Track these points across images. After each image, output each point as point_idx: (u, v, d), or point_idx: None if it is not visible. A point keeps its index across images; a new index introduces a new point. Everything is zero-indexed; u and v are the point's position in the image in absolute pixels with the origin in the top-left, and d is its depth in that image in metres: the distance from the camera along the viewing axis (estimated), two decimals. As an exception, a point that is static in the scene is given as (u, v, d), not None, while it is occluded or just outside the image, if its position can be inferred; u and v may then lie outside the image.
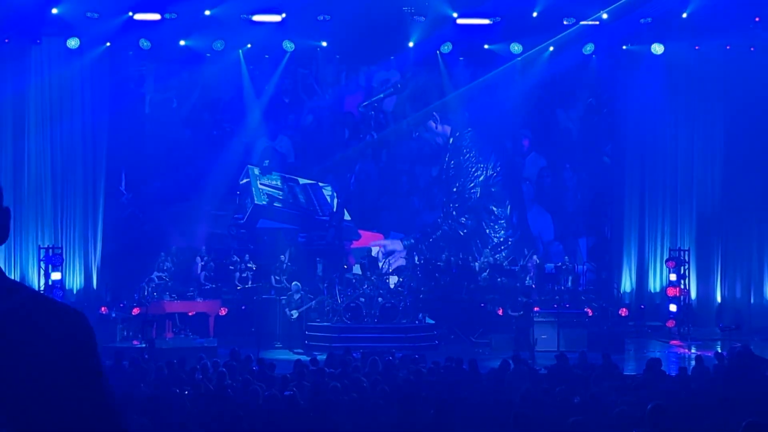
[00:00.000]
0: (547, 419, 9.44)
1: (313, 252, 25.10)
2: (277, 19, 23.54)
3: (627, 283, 25.35)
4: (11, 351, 1.97)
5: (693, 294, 24.47)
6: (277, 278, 23.57)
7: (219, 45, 24.21)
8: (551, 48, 24.61)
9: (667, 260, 24.26)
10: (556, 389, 11.64)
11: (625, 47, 24.88)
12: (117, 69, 24.65)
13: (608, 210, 26.05)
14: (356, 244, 25.92)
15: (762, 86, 23.56)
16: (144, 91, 25.49)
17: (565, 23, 23.94)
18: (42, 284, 22.29)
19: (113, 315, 21.89)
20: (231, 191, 25.70)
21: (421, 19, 23.97)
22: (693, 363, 15.57)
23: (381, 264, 25.01)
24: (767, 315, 24.08)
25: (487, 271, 24.09)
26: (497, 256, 25.14)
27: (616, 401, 10.47)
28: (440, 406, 9.55)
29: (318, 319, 21.87)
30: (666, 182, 25.24)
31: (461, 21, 23.92)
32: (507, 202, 26.12)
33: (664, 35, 24.08)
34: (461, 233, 25.92)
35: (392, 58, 25.73)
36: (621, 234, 25.61)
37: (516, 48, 24.49)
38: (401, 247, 25.81)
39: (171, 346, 19.85)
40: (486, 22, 23.90)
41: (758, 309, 24.31)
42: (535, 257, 25.18)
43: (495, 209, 26.05)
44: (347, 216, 26.01)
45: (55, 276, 22.54)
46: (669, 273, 24.17)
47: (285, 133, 26.32)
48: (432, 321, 22.19)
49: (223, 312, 22.55)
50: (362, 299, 21.78)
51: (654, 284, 25.16)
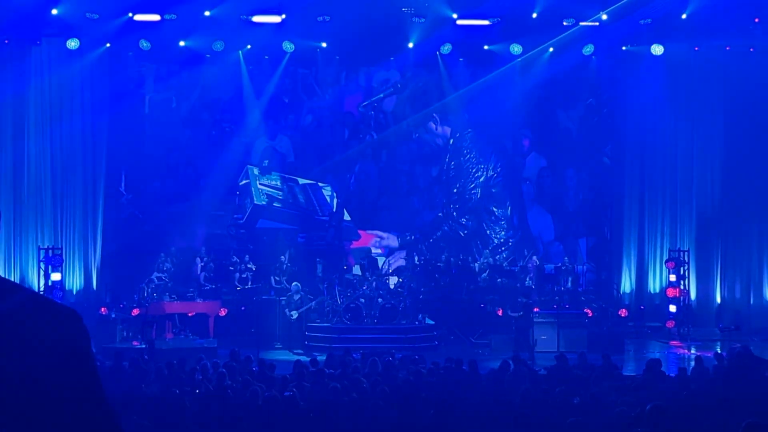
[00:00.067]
0: (547, 420, 9.43)
1: (313, 252, 25.06)
2: (277, 20, 23.54)
3: (627, 284, 25.35)
4: (4, 351, 1.97)
5: (693, 295, 24.46)
6: (277, 279, 23.56)
7: (219, 46, 24.22)
8: (551, 49, 24.61)
9: (667, 261, 24.25)
10: (556, 390, 11.65)
11: (625, 48, 24.87)
12: (117, 70, 24.64)
13: (608, 210, 26.05)
14: (356, 245, 25.91)
15: (762, 87, 23.56)
16: (144, 92, 25.49)
17: (565, 24, 23.94)
18: (42, 285, 22.28)
19: (113, 315, 21.87)
20: (230, 191, 25.68)
21: (421, 20, 23.98)
22: (693, 363, 15.57)
23: (381, 264, 25.02)
24: (767, 316, 24.07)
25: (487, 272, 24.08)
26: (497, 257, 25.14)
27: (616, 402, 10.48)
28: (440, 407, 9.56)
29: (318, 320, 21.88)
30: (666, 182, 25.23)
31: (461, 22, 23.92)
32: (507, 203, 26.10)
33: (664, 36, 24.08)
34: (462, 234, 25.91)
35: (392, 59, 25.72)
36: (621, 234, 25.60)
37: (516, 49, 24.49)
38: (396, 243, 25.78)
39: (171, 347, 19.86)
40: (486, 23, 23.92)
41: (758, 309, 24.30)
42: (535, 258, 25.18)
43: (495, 210, 26.03)
44: (347, 216, 25.99)
45: (55, 277, 22.52)
46: (669, 274, 24.16)
47: (285, 133, 26.31)
48: (432, 322, 22.19)
49: (223, 313, 22.53)
50: (362, 300, 21.78)
51: (654, 285, 25.15)
